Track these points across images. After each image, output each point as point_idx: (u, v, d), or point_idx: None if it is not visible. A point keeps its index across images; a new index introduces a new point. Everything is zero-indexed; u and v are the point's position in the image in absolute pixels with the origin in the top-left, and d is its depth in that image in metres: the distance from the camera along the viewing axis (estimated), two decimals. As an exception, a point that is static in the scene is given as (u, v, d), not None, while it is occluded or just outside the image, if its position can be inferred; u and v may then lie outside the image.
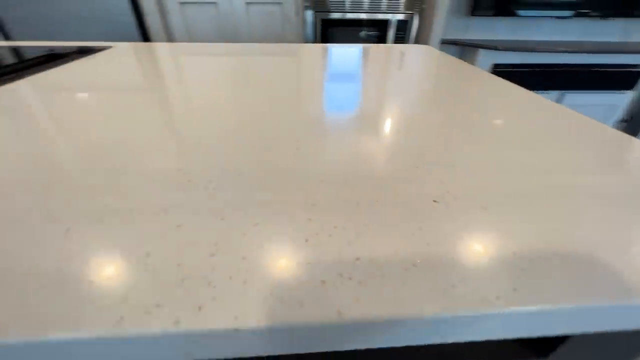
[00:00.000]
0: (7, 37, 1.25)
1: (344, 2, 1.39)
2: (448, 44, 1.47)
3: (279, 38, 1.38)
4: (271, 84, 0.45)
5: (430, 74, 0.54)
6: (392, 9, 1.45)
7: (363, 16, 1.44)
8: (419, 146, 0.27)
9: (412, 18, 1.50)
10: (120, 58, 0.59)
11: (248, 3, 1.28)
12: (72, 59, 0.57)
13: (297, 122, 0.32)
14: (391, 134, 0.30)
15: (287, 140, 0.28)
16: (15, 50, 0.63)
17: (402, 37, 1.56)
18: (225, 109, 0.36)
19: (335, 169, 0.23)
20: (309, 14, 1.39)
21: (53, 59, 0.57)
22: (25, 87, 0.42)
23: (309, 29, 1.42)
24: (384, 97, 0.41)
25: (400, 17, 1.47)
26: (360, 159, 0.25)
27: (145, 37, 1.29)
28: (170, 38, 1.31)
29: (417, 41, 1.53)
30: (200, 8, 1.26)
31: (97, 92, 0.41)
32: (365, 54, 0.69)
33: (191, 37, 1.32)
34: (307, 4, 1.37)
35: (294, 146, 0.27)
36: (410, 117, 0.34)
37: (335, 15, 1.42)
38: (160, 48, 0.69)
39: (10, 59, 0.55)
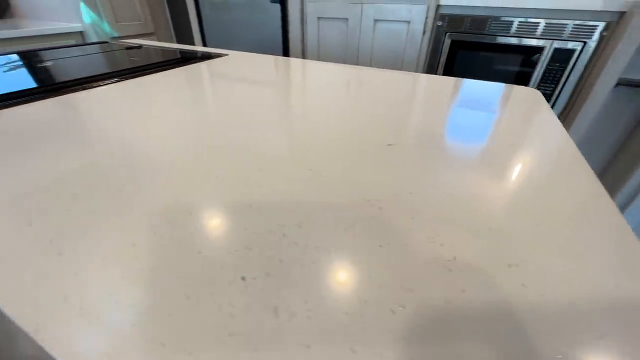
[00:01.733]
0: (204, 41, 1.76)
1: (486, 22, 1.21)
2: (628, 86, 1.05)
3: (397, 57, 1.35)
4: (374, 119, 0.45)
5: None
6: (552, 34, 1.15)
7: (507, 40, 1.21)
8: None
9: (583, 47, 1.15)
10: (228, 64, 0.76)
11: (377, 20, 1.31)
12: (194, 62, 0.78)
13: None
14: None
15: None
16: (163, 52, 0.91)
17: (560, 69, 1.22)
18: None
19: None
20: (439, 33, 1.29)
21: (183, 61, 0.79)
22: (149, 80, 0.62)
23: (435, 50, 1.32)
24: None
25: (562, 45, 1.15)
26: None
27: (286, 45, 1.54)
28: (304, 48, 1.51)
29: (582, 77, 1.16)
30: (332, 23, 1.39)
31: (197, 90, 0.55)
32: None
33: (320, 49, 1.48)
34: (440, 22, 1.28)
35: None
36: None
37: (470, 38, 1.26)
38: (262, 60, 0.83)
39: (159, 58, 0.80)
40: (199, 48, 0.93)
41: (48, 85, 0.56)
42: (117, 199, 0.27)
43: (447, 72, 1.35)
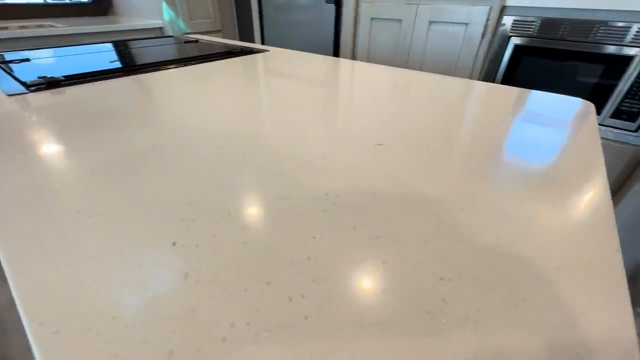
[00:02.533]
0: (262, 40, 1.87)
1: (559, 25, 1.07)
2: None
3: (451, 61, 1.27)
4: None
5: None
6: (646, 41, 0.96)
7: (584, 48, 1.05)
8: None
9: (688, 57, 0.94)
10: (265, 59, 0.80)
11: (432, 22, 1.25)
12: (237, 56, 0.83)
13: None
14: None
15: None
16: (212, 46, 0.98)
17: (653, 83, 1.02)
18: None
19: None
20: (501, 37, 1.17)
21: (227, 54, 0.85)
22: (200, 68, 0.69)
23: (495, 55, 1.21)
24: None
25: (658, 53, 0.96)
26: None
27: (336, 46, 1.55)
28: (354, 49, 1.51)
29: (682, 94, 0.96)
30: (385, 24, 1.36)
31: (235, 80, 0.61)
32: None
33: (370, 51, 1.46)
34: (503, 25, 1.16)
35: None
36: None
37: (539, 43, 1.12)
38: (297, 56, 0.86)
39: (209, 52, 0.88)
40: (244, 44, 0.99)
41: (129, 67, 0.70)
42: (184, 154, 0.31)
43: (508, 79, 1.23)
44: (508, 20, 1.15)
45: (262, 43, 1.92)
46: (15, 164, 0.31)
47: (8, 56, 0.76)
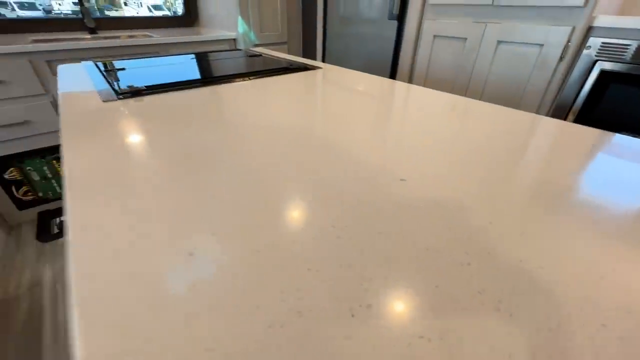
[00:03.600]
0: (324, 51, 1.94)
1: (663, 51, 0.91)
2: None
3: (519, 85, 1.16)
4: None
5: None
6: None
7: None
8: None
9: None
10: (318, 76, 0.84)
11: (500, 41, 1.16)
12: (293, 71, 0.89)
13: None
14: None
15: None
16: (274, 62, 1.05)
17: None
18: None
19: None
20: (585, 60, 1.04)
21: (285, 70, 0.91)
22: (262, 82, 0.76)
23: (576, 80, 1.07)
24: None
25: None
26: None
27: (395, 62, 1.54)
28: (413, 66, 1.47)
29: None
30: (448, 42, 1.30)
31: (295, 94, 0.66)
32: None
33: (430, 69, 1.41)
34: (589, 47, 1.03)
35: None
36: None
37: (633, 69, 0.97)
38: (347, 74, 0.87)
39: (270, 66, 0.94)
40: (300, 59, 1.04)
41: (204, 79, 0.82)
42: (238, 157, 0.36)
43: (589, 109, 1.08)
44: (595, 42, 1.02)
45: (323, 55, 1.98)
46: (98, 157, 0.39)
47: (116, 64, 0.92)
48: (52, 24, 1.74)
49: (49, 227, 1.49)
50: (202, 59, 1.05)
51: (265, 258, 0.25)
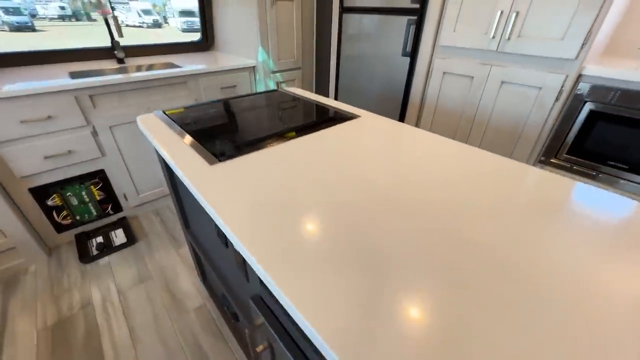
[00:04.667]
0: (337, 80, 2.09)
1: (640, 98, 1.09)
2: None
3: (519, 120, 1.33)
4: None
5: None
6: None
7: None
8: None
9: None
10: (362, 127, 0.97)
11: (504, 82, 1.34)
12: (338, 123, 1.02)
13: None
14: None
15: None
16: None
17: None
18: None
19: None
20: (576, 100, 1.22)
21: (330, 120, 1.05)
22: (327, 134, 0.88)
23: (568, 117, 1.25)
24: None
25: None
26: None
27: (406, 95, 1.70)
28: (423, 99, 1.64)
29: None
30: (456, 79, 1.47)
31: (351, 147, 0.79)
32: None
33: (439, 102, 1.58)
34: (579, 90, 1.21)
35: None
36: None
37: (617, 111, 1.15)
38: (389, 126, 1.02)
39: (314, 117, 1.08)
40: (334, 104, 1.17)
41: (278, 133, 0.89)
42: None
43: (580, 141, 1.26)
44: (584, 87, 1.20)
45: (336, 84, 2.13)
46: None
47: (184, 115, 1.02)
48: (84, 53, 1.84)
49: (88, 249, 1.59)
50: (256, 106, 1.13)
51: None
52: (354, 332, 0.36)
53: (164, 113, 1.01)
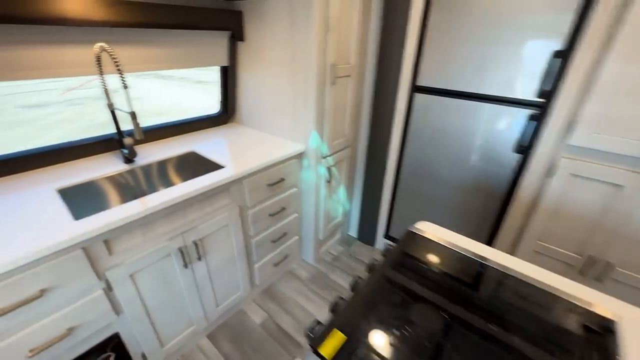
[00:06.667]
0: (400, 161, 1.76)
1: None
2: None
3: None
4: None
5: None
6: None
7: None
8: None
9: None
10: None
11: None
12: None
13: None
14: None
15: None
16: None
17: None
18: None
19: None
20: None
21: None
22: None
23: None
24: None
25: None
26: None
27: (508, 198, 1.40)
28: (536, 199, 1.34)
29: None
30: (593, 185, 1.18)
31: None
32: None
33: (560, 207, 1.28)
34: None
35: None
36: None
37: None
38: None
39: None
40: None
41: None
42: None
43: None
44: None
45: (398, 167, 1.79)
46: None
47: None
48: (75, 151, 1.33)
49: None
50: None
51: None
52: None
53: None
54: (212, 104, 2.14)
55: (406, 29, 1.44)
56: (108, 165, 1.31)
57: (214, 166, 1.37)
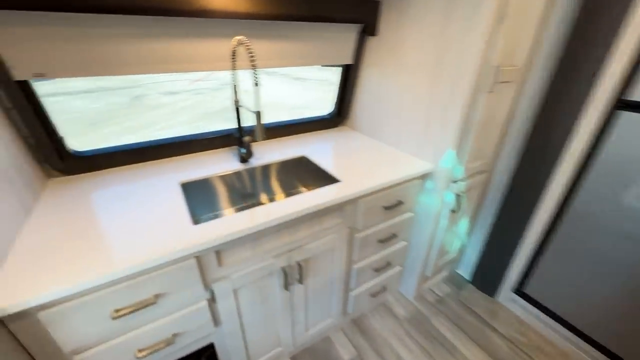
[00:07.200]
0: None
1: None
2: None
3: None
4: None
5: None
6: None
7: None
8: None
9: None
10: None
11: None
12: None
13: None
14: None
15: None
16: None
17: None
18: None
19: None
20: None
21: None
22: None
23: None
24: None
25: None
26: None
27: None
28: None
29: None
30: None
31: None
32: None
33: None
34: None
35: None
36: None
37: None
38: None
39: None
40: None
41: None
42: None
43: None
44: None
45: (560, 212, 1.33)
46: None
47: None
48: (195, 144, 1.34)
49: None
50: None
51: None
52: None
53: None
54: (310, 102, 2.00)
55: (622, 18, 0.99)
56: (225, 162, 1.28)
57: (328, 178, 1.21)
